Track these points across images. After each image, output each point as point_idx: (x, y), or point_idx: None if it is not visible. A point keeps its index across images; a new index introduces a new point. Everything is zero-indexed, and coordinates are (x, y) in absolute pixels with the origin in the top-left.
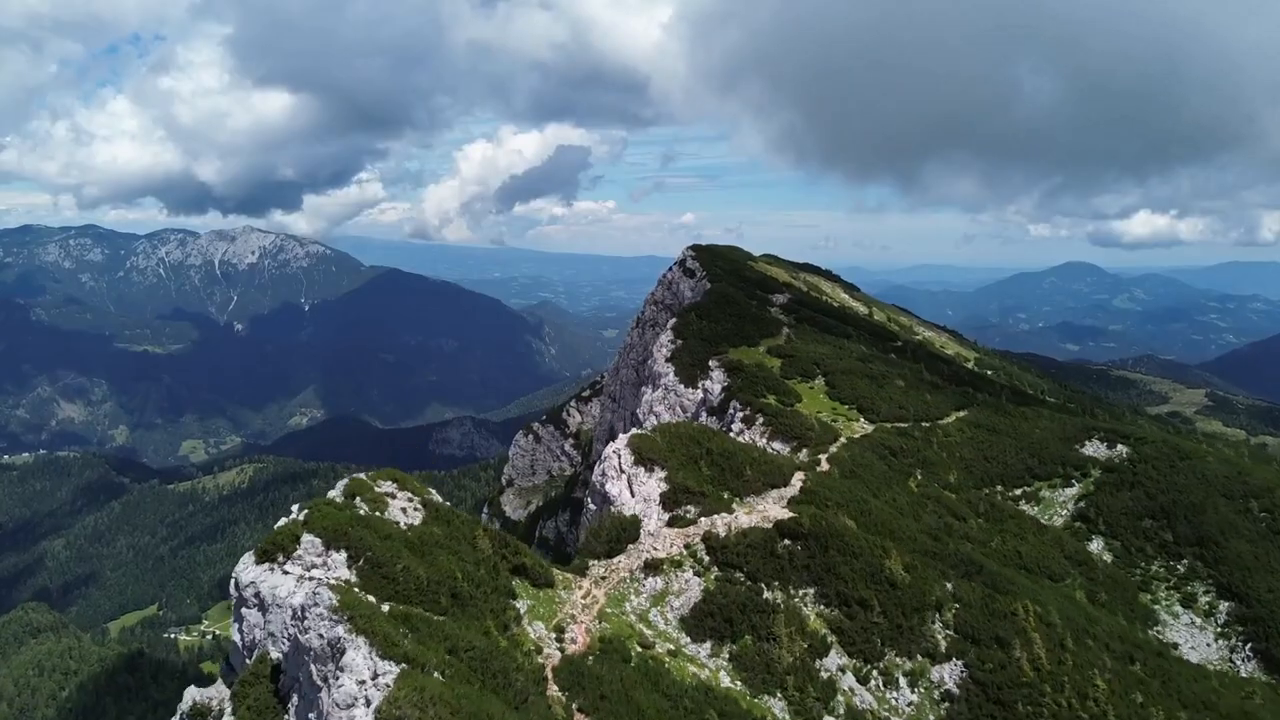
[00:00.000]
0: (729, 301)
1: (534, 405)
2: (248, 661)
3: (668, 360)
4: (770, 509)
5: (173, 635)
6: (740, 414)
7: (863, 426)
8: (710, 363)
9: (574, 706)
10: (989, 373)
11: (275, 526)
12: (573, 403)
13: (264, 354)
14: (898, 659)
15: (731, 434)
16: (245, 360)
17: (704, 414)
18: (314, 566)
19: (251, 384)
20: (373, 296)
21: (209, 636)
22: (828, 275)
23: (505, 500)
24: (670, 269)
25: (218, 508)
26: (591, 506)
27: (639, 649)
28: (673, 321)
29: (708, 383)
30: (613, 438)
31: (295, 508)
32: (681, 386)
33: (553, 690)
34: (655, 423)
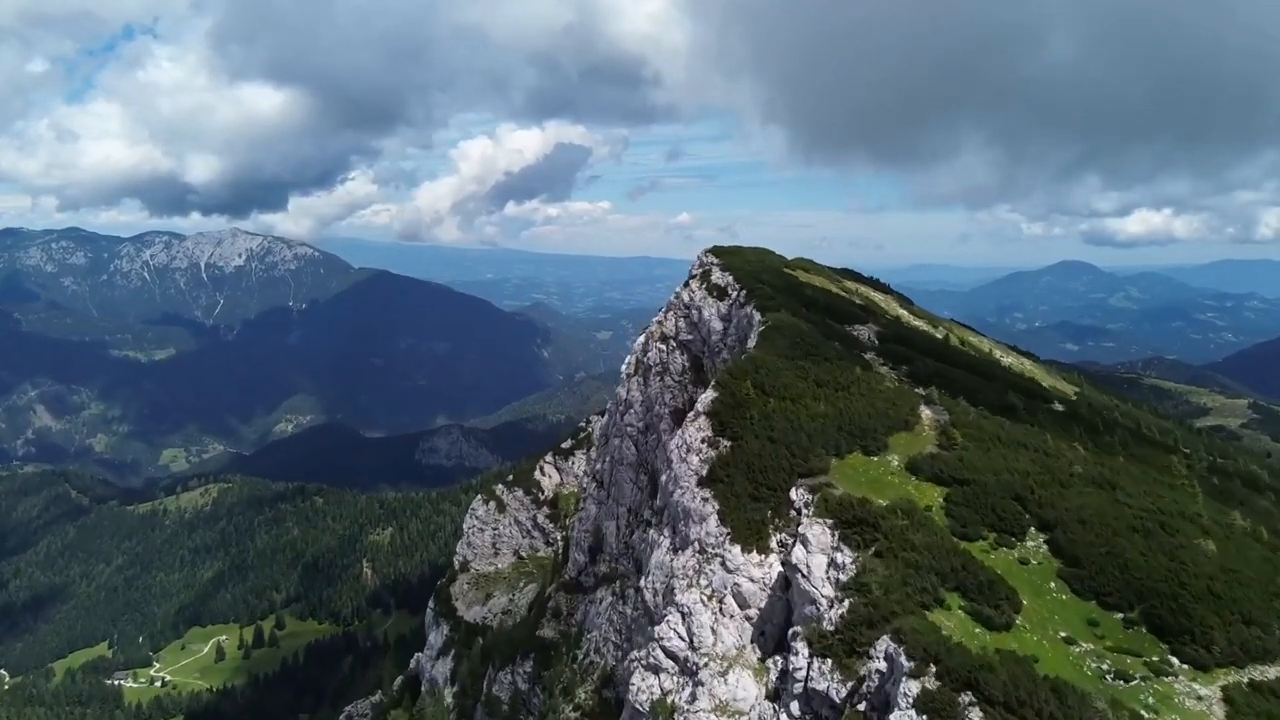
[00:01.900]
0: (805, 349)
1: (525, 411)
2: None
3: (702, 485)
4: None
5: (118, 682)
6: (910, 687)
7: (1188, 690)
8: (794, 496)
9: None
10: (1096, 411)
11: None
12: (548, 457)
13: (251, 359)
14: None
15: None
16: (232, 365)
17: (795, 642)
18: None
19: (238, 390)
20: (363, 299)
21: (157, 683)
22: (874, 284)
23: (458, 591)
24: (686, 284)
25: (178, 533)
26: None
27: None
28: (709, 396)
29: (799, 551)
30: (599, 546)
31: None
32: (736, 552)
33: None
34: (680, 642)
